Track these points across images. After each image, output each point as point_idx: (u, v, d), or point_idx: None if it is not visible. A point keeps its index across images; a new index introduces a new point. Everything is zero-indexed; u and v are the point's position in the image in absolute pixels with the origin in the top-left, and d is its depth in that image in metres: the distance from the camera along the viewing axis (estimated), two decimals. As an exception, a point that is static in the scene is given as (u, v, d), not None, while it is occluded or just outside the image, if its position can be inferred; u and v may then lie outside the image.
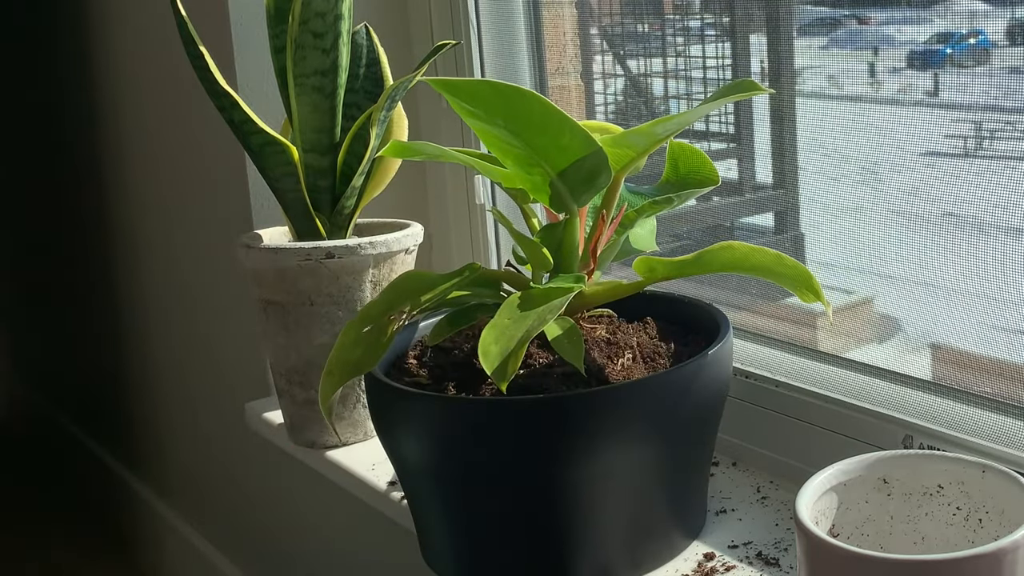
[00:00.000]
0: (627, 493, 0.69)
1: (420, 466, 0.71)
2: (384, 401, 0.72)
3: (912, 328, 0.85)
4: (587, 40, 1.14)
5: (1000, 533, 0.56)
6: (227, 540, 1.71)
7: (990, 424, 0.73)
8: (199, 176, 1.41)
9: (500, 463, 0.68)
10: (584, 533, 0.68)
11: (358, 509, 1.06)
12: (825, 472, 0.59)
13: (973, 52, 0.79)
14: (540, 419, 0.66)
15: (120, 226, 1.89)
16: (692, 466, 0.74)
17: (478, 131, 0.66)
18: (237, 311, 1.37)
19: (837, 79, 0.90)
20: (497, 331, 0.63)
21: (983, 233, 0.76)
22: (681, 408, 0.69)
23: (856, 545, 0.56)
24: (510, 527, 0.70)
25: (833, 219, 0.90)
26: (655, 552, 0.72)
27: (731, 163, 1.03)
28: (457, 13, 1.14)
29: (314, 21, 0.88)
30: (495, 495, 0.69)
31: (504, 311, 0.65)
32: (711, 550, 0.74)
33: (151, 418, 1.95)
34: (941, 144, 0.80)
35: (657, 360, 0.73)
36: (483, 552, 0.72)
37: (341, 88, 0.92)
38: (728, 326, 0.74)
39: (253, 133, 0.90)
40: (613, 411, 0.66)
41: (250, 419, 1.15)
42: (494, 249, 1.18)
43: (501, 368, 0.60)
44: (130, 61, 1.65)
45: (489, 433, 0.67)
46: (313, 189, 0.93)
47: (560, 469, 0.66)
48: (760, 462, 0.86)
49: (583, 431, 0.65)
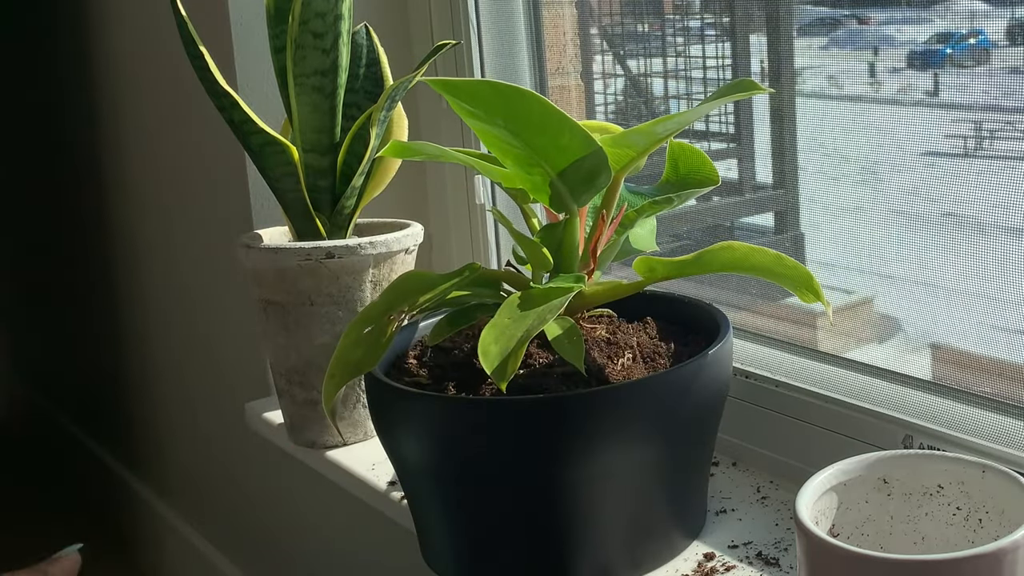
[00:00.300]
0: (627, 493, 0.69)
1: (420, 466, 0.71)
2: (384, 401, 0.72)
3: (912, 328, 0.85)
4: (587, 40, 1.14)
5: (1000, 533, 0.56)
6: (227, 540, 1.71)
7: (990, 424, 0.73)
8: (199, 176, 1.41)
9: (500, 463, 0.68)
10: (584, 533, 0.68)
11: (358, 509, 1.06)
12: (825, 472, 0.59)
13: (973, 52, 0.79)
14: (540, 419, 0.66)
15: (120, 226, 1.88)
16: (692, 466, 0.74)
17: (478, 131, 0.66)
18: (237, 311, 1.37)
19: (837, 79, 0.90)
20: (497, 331, 0.63)
21: (983, 233, 0.76)
22: (681, 408, 0.69)
23: (856, 545, 0.56)
24: (510, 527, 0.70)
25: (833, 219, 0.90)
26: (655, 552, 0.72)
27: (731, 163, 1.03)
28: (457, 13, 1.14)
29: (314, 21, 0.88)
30: (495, 495, 0.69)
31: (504, 311, 0.65)
32: (711, 550, 0.74)
33: (151, 418, 1.95)
34: (941, 144, 0.80)
35: (657, 360, 0.73)
36: (483, 552, 0.72)
37: (341, 88, 0.92)
38: (728, 326, 0.74)
39: (253, 133, 0.90)
40: (613, 411, 0.66)
41: (250, 419, 1.15)
42: (494, 249, 1.18)
43: (501, 368, 0.60)
44: (130, 61, 1.65)
45: (489, 433, 0.67)
46: (313, 189, 0.93)
47: (560, 469, 0.66)
48: (760, 462, 0.86)
49: (583, 431, 0.65)
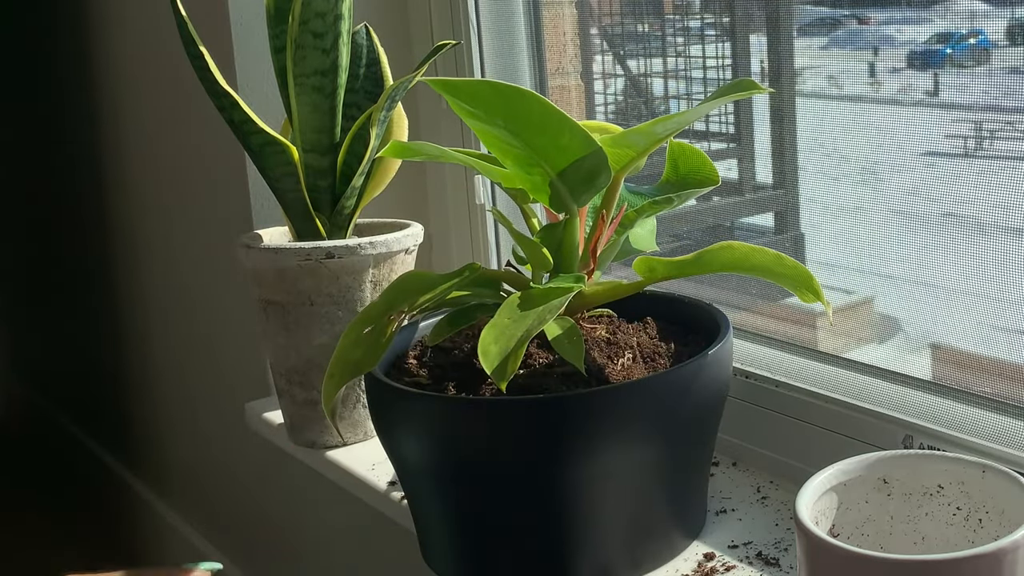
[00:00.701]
0: (627, 493, 0.69)
1: (420, 466, 0.71)
2: (384, 401, 0.72)
3: (912, 328, 0.85)
4: (587, 40, 1.14)
5: (1000, 533, 0.56)
6: (227, 540, 1.71)
7: (990, 424, 0.73)
8: (199, 176, 1.41)
9: (500, 463, 0.68)
10: (584, 533, 0.68)
11: (358, 509, 1.06)
12: (825, 472, 0.59)
13: (973, 52, 0.79)
14: (540, 419, 0.66)
15: (120, 226, 1.88)
16: (692, 466, 0.74)
17: (478, 131, 0.66)
18: (237, 311, 1.37)
19: (837, 79, 0.90)
20: (497, 331, 0.63)
21: (983, 233, 0.76)
22: (681, 408, 0.69)
23: (856, 545, 0.56)
24: (510, 527, 0.70)
25: (833, 219, 0.90)
26: (655, 552, 0.72)
27: (731, 163, 1.03)
28: (457, 13, 1.14)
29: (314, 21, 0.88)
30: (495, 495, 0.69)
31: (504, 311, 0.65)
32: (711, 550, 0.74)
33: (151, 418, 1.95)
34: (941, 144, 0.80)
35: (657, 360, 0.73)
36: (483, 552, 0.72)
37: (341, 88, 0.92)
38: (728, 326, 0.74)
39: (253, 133, 0.90)
40: (613, 411, 0.66)
41: (250, 419, 1.15)
42: (494, 249, 1.18)
43: (501, 368, 0.60)
44: (130, 61, 1.65)
45: (489, 433, 0.67)
46: (313, 189, 0.93)
47: (560, 469, 0.66)
48: (760, 462, 0.86)
49: (583, 431, 0.65)
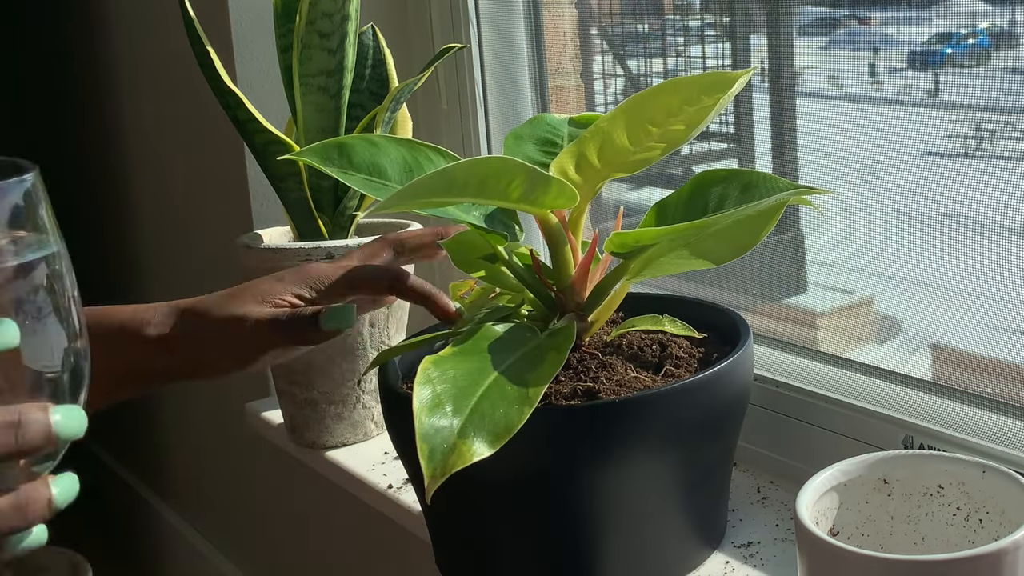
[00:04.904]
0: (647, 502, 0.67)
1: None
2: (400, 415, 0.69)
3: (912, 328, 0.85)
4: (587, 40, 1.14)
5: (1000, 533, 0.56)
6: (227, 540, 1.71)
7: (990, 424, 0.73)
8: (199, 176, 1.41)
9: (518, 474, 0.66)
10: (605, 543, 0.67)
11: (358, 509, 1.06)
12: (825, 472, 0.59)
13: (973, 52, 0.79)
14: (562, 429, 0.65)
15: (120, 226, 1.89)
16: (712, 473, 0.72)
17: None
18: (237, 311, 1.37)
19: (837, 79, 0.90)
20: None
21: (983, 233, 0.76)
22: (700, 416, 0.67)
23: (856, 545, 0.56)
24: (529, 538, 0.69)
25: (833, 219, 0.90)
26: (675, 562, 0.71)
27: (731, 163, 1.04)
28: (457, 14, 1.14)
29: (321, 21, 0.87)
30: (513, 505, 0.68)
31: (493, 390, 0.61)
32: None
33: (151, 418, 1.95)
34: (941, 144, 0.80)
35: (680, 368, 0.72)
36: (501, 563, 0.71)
37: (346, 89, 0.92)
38: (748, 331, 0.72)
39: (257, 132, 0.90)
40: (631, 421, 0.64)
41: (250, 419, 1.15)
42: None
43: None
44: (130, 61, 1.65)
45: (506, 444, 0.66)
46: (316, 189, 0.93)
47: (580, 480, 0.65)
48: (760, 462, 0.86)
49: (601, 440, 0.64)
